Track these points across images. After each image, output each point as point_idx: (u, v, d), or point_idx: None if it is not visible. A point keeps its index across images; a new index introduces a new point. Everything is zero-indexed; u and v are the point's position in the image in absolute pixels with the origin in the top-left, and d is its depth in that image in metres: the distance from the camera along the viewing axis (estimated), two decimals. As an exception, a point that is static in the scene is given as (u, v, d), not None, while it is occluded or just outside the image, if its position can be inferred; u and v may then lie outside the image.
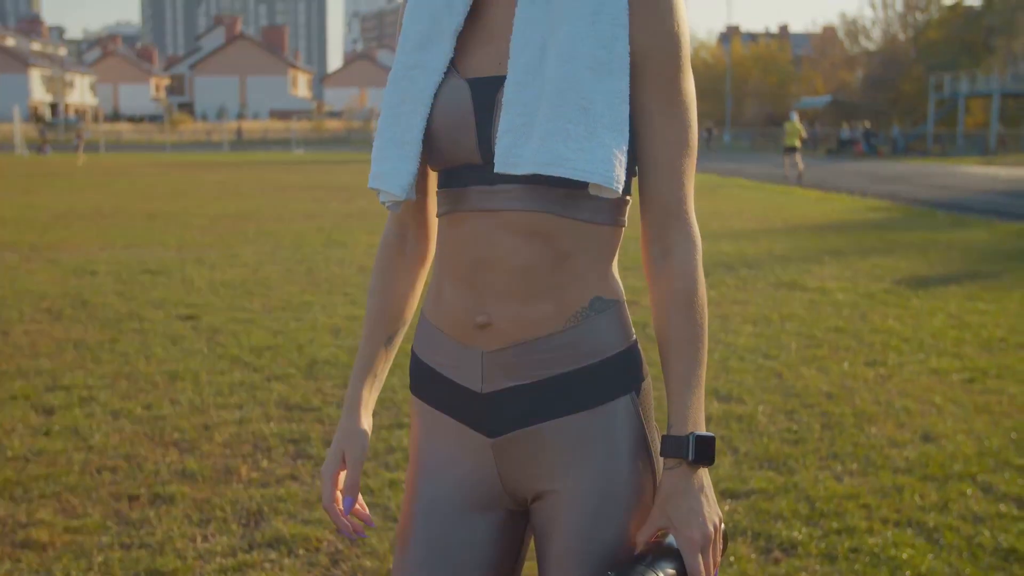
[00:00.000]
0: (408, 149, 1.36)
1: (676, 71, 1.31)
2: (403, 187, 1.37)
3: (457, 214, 1.36)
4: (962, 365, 5.77)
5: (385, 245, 1.57)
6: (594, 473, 1.34)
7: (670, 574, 1.25)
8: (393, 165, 1.37)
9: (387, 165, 1.38)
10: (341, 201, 17.90)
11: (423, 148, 1.37)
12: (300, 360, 5.85)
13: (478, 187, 1.33)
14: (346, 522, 1.47)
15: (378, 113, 67.08)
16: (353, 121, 79.99)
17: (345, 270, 9.44)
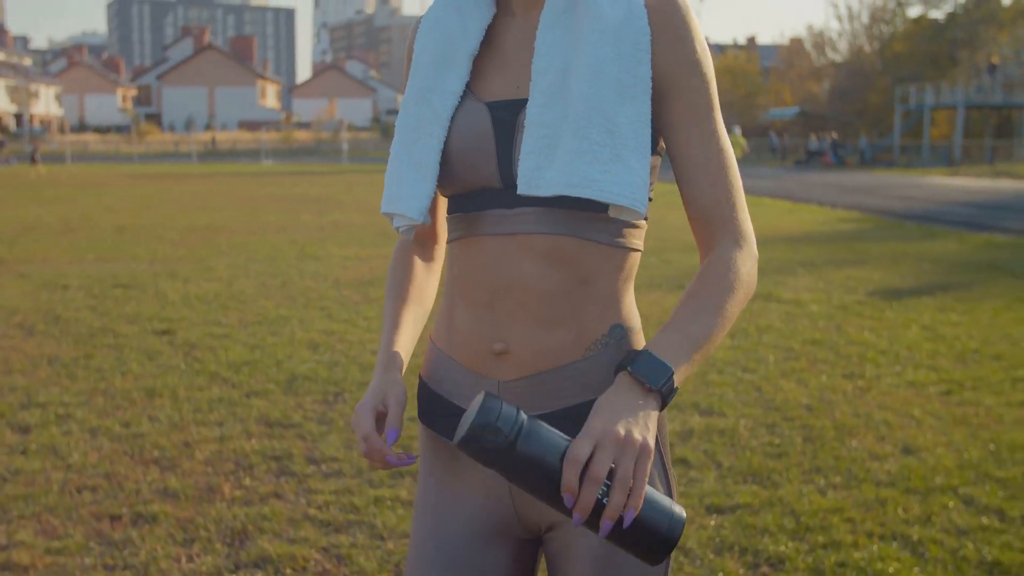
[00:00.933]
0: (425, 172, 1.35)
1: (703, 89, 1.32)
2: (420, 210, 1.36)
3: (473, 239, 1.35)
4: (938, 377, 5.82)
5: (401, 248, 1.56)
6: None
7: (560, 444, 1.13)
8: (409, 188, 1.36)
9: (403, 188, 1.37)
10: (313, 214, 17.83)
11: (439, 171, 1.37)
12: (279, 376, 5.81)
13: (496, 210, 1.32)
14: (390, 452, 1.32)
15: (347, 124, 66.78)
16: (322, 132, 79.79)
17: (320, 284, 9.40)
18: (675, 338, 1.24)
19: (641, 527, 1.11)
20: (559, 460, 1.11)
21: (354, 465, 4.28)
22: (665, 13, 1.30)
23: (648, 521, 1.11)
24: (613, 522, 1.09)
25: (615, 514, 1.09)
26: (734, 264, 1.30)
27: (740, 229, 1.34)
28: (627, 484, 1.09)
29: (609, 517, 1.09)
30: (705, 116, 1.32)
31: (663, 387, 1.19)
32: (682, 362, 1.22)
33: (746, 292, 1.31)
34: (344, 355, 6.33)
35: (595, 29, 1.29)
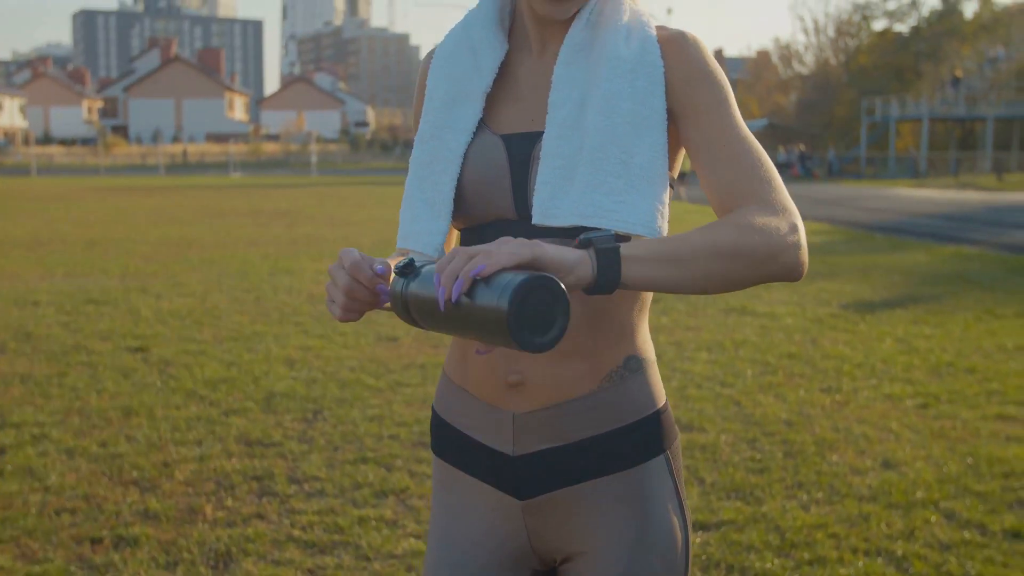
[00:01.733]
0: (439, 208, 1.35)
1: (719, 96, 1.32)
2: (435, 246, 1.36)
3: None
4: (914, 391, 5.87)
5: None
6: (628, 533, 1.33)
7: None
8: (424, 225, 1.37)
9: (418, 225, 1.37)
10: (284, 227, 17.75)
11: (453, 206, 1.37)
12: (257, 393, 5.77)
13: None
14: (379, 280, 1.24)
15: (316, 136, 66.51)
16: (291, 144, 79.52)
17: (294, 299, 9.35)
18: (642, 241, 1.20)
19: (477, 303, 1.08)
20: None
21: (337, 485, 4.25)
22: (676, 43, 1.33)
23: (481, 295, 1.08)
24: (451, 293, 1.08)
25: (447, 283, 1.08)
26: (741, 214, 1.23)
27: (769, 199, 1.26)
28: (466, 258, 1.09)
29: (443, 284, 1.08)
30: (724, 114, 1.31)
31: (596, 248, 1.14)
32: (637, 252, 1.17)
33: (759, 237, 1.21)
34: (321, 372, 6.30)
35: (610, 65, 1.30)
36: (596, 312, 1.32)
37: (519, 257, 1.09)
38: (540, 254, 1.10)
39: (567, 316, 1.08)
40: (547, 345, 1.07)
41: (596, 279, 1.14)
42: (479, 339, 1.11)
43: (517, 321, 1.05)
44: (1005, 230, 17.87)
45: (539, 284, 1.06)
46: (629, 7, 1.36)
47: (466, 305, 1.09)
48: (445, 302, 1.10)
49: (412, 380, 6.06)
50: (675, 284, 1.18)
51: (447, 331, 1.17)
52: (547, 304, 1.07)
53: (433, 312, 1.14)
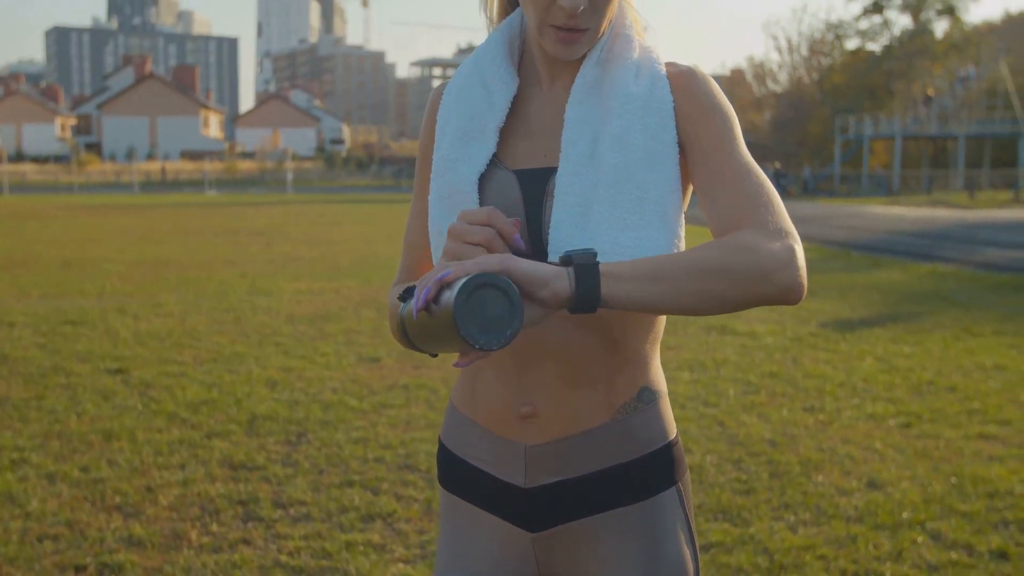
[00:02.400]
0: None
1: (725, 127, 1.32)
2: None
3: None
4: (896, 410, 5.90)
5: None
6: (639, 566, 1.33)
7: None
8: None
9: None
10: (261, 246, 17.67)
11: None
12: (239, 415, 5.72)
13: None
14: (517, 229, 1.24)
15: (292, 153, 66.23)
16: (266, 162, 79.27)
17: (274, 319, 9.30)
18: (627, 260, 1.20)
19: (440, 305, 1.11)
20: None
21: (323, 509, 4.22)
22: (685, 79, 1.34)
23: (443, 297, 1.11)
24: (420, 299, 1.12)
25: (419, 292, 1.13)
26: (734, 235, 1.21)
27: (765, 222, 1.24)
28: (440, 268, 1.13)
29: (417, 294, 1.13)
30: (730, 146, 1.31)
31: (576, 264, 1.14)
32: (619, 270, 1.16)
33: (749, 256, 1.18)
34: (304, 393, 6.26)
35: (622, 102, 1.31)
36: (610, 343, 1.32)
37: (484, 266, 1.10)
38: (510, 266, 1.11)
39: (520, 318, 1.09)
40: (494, 344, 1.09)
41: (575, 294, 1.13)
42: (449, 346, 1.14)
43: (463, 316, 1.07)
44: (978, 248, 18.04)
45: (487, 282, 1.08)
46: (638, 43, 1.37)
47: (434, 311, 1.13)
48: (418, 310, 1.14)
49: (396, 401, 6.03)
50: (660, 303, 1.16)
51: (430, 345, 1.20)
52: (499, 303, 1.09)
53: (415, 326, 1.18)
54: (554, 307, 1.14)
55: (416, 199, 1.52)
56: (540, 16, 1.29)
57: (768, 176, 6.93)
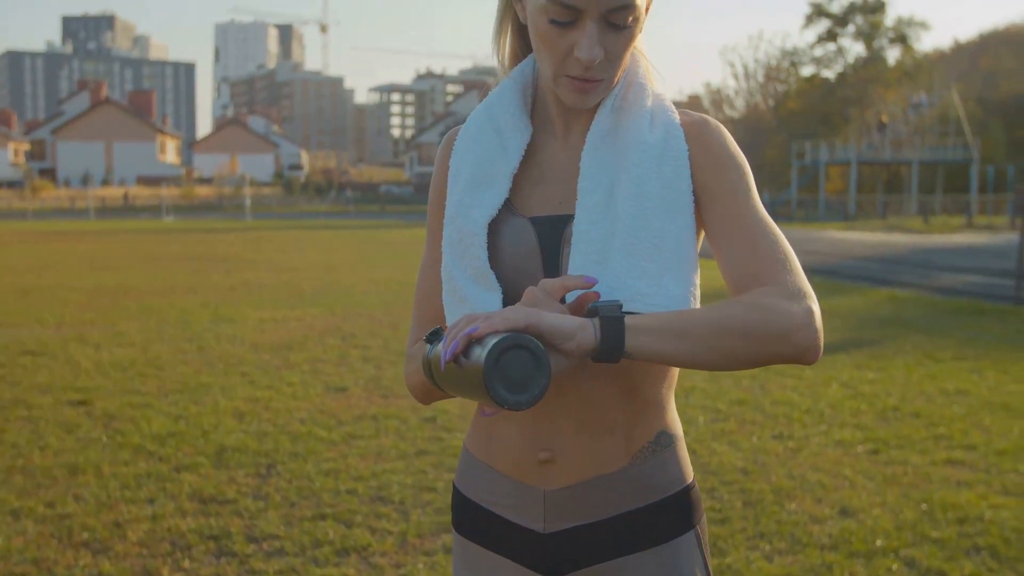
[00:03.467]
0: (485, 281, 1.35)
1: (739, 180, 1.34)
2: None
3: None
4: (864, 436, 5.95)
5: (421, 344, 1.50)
6: None
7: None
8: (478, 301, 1.35)
9: (471, 303, 1.36)
10: (222, 273, 17.53)
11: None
12: (207, 448, 5.65)
13: None
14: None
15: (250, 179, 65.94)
16: (224, 187, 78.77)
17: (238, 348, 9.22)
18: (650, 313, 1.22)
19: (470, 361, 1.14)
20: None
21: (296, 543, 4.17)
22: (699, 129, 1.36)
23: (472, 352, 1.14)
24: (447, 351, 1.14)
25: (448, 344, 1.14)
26: (754, 294, 1.24)
27: (784, 281, 1.25)
28: (469, 321, 1.14)
29: (446, 345, 1.15)
30: (743, 198, 1.33)
31: (601, 316, 1.16)
32: (643, 322, 1.18)
33: (771, 317, 1.20)
34: (272, 424, 6.20)
35: (637, 151, 1.33)
36: (628, 388, 1.33)
37: (512, 322, 1.13)
38: (536, 320, 1.13)
39: (547, 377, 1.11)
40: (523, 404, 1.11)
41: (599, 347, 1.16)
42: (476, 398, 1.16)
43: (492, 377, 1.10)
44: (934, 272, 18.31)
45: (516, 343, 1.10)
46: (651, 92, 1.38)
47: (463, 364, 1.15)
48: (446, 362, 1.16)
49: (365, 432, 5.99)
50: (681, 358, 1.19)
51: (457, 392, 1.23)
52: (527, 364, 1.11)
53: (441, 373, 1.21)
54: (579, 358, 1.15)
55: (429, 247, 1.51)
56: (556, 66, 1.30)
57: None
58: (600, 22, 1.26)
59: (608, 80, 1.32)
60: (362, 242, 28.36)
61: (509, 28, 1.44)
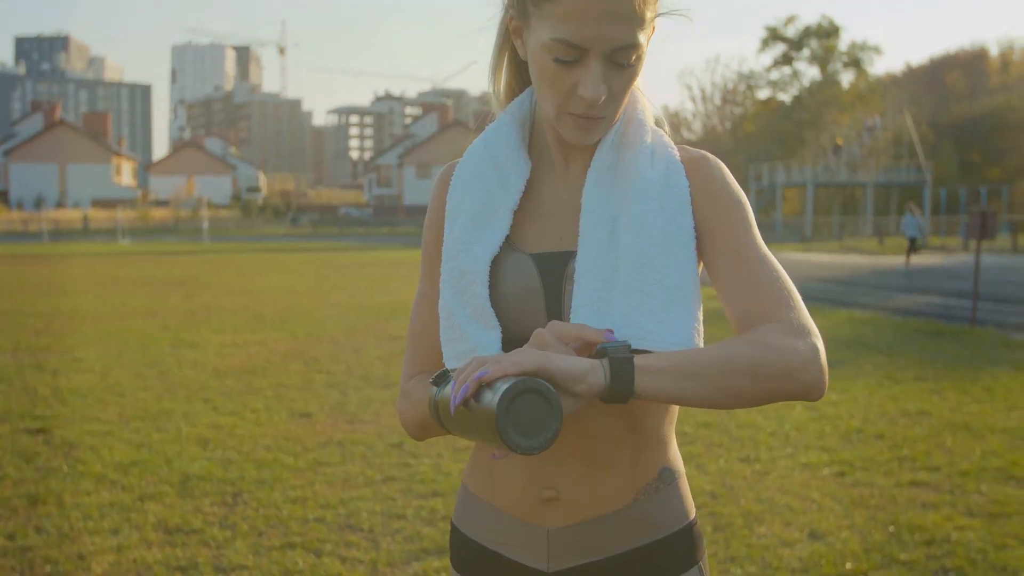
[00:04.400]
0: (485, 319, 1.34)
1: (740, 217, 1.35)
2: None
3: None
4: (830, 458, 5.99)
5: (417, 379, 1.48)
6: None
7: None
8: (476, 340, 1.34)
9: (470, 341, 1.35)
10: (181, 297, 17.36)
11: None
12: (171, 476, 5.58)
13: None
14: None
15: (207, 202, 65.53)
16: (181, 210, 78.17)
17: (200, 373, 9.12)
18: (658, 353, 1.22)
19: (480, 405, 1.14)
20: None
21: (265, 573, 4.12)
22: (699, 165, 1.38)
23: (483, 397, 1.13)
24: (457, 395, 1.14)
25: (457, 388, 1.14)
26: (760, 332, 1.24)
27: (788, 319, 1.26)
28: (478, 364, 1.14)
29: (456, 389, 1.15)
30: (744, 234, 1.34)
31: (610, 358, 1.16)
32: (652, 363, 1.18)
33: (776, 356, 1.20)
34: (237, 451, 6.13)
35: (639, 187, 1.33)
36: (632, 425, 1.33)
37: (523, 365, 1.12)
38: (546, 364, 1.13)
39: (559, 420, 1.11)
40: (535, 449, 1.11)
41: (609, 388, 1.16)
42: (487, 442, 1.16)
43: (504, 422, 1.09)
44: (892, 293, 18.54)
45: (528, 387, 1.10)
46: (651, 129, 1.39)
47: (473, 408, 1.14)
48: (456, 406, 1.16)
49: (332, 459, 5.94)
50: (689, 397, 1.20)
51: (466, 435, 1.22)
52: (539, 408, 1.10)
53: (450, 417, 1.21)
54: (588, 399, 1.15)
55: (424, 282, 1.50)
56: (559, 104, 1.30)
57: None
58: (604, 60, 1.27)
59: (610, 117, 1.32)
60: (322, 265, 28.22)
61: (505, 63, 1.44)
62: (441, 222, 1.45)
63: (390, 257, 33.45)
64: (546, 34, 1.27)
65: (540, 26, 1.28)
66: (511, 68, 1.45)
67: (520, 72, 1.45)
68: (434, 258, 1.47)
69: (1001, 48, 70.36)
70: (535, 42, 1.29)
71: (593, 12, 1.23)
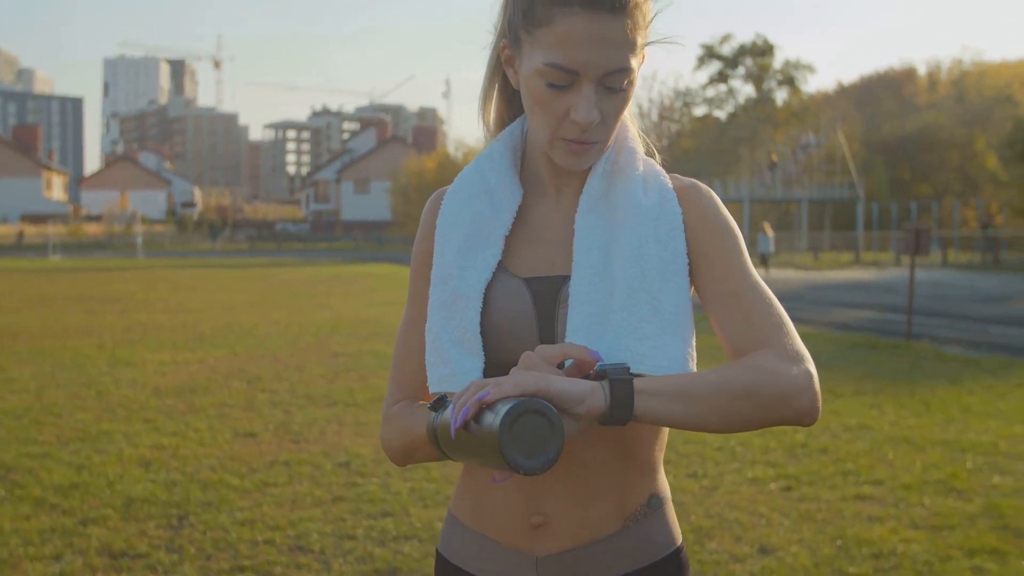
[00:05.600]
0: (470, 346, 1.34)
1: (732, 245, 1.37)
2: None
3: None
4: (776, 473, 6.05)
5: (402, 405, 1.46)
6: None
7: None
8: (458, 365, 1.34)
9: (452, 367, 1.34)
10: (116, 314, 17.06)
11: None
12: (114, 499, 5.46)
13: None
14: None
15: (141, 216, 64.62)
16: (114, 225, 76.94)
17: (139, 393, 8.95)
18: (656, 376, 1.24)
19: (481, 426, 1.14)
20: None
21: (215, 598, 4.05)
22: (691, 193, 1.40)
23: (484, 418, 1.14)
24: (458, 418, 1.14)
25: (458, 411, 1.14)
26: (756, 357, 1.26)
27: (782, 345, 1.28)
28: (478, 388, 1.15)
29: (455, 412, 1.15)
30: (737, 261, 1.36)
31: (610, 380, 1.17)
32: (651, 386, 1.19)
33: (773, 382, 1.22)
34: (181, 473, 6.02)
35: (633, 213, 1.34)
36: (622, 452, 1.33)
37: (523, 387, 1.13)
38: (545, 385, 1.14)
39: (561, 439, 1.12)
40: (538, 469, 1.11)
41: (609, 410, 1.17)
42: (489, 464, 1.16)
43: (507, 443, 1.09)
44: (828, 308, 18.84)
45: (529, 408, 1.10)
46: (641, 157, 1.40)
47: (473, 430, 1.14)
48: (457, 429, 1.16)
49: (279, 479, 5.87)
50: (686, 420, 1.21)
51: (467, 459, 1.22)
52: (540, 428, 1.11)
53: (450, 441, 1.20)
54: (588, 421, 1.15)
55: (412, 308, 1.48)
56: (553, 129, 1.31)
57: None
58: (596, 85, 1.28)
59: (602, 142, 1.33)
60: (260, 281, 27.94)
61: (496, 93, 1.44)
62: (430, 248, 1.45)
63: (329, 273, 33.23)
64: (539, 59, 1.28)
65: (533, 52, 1.29)
66: (501, 98, 1.46)
67: (510, 102, 1.46)
68: (423, 283, 1.46)
69: (929, 68, 72.20)
70: (528, 68, 1.30)
71: (586, 37, 1.24)
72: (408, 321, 1.48)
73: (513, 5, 1.32)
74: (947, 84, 69.32)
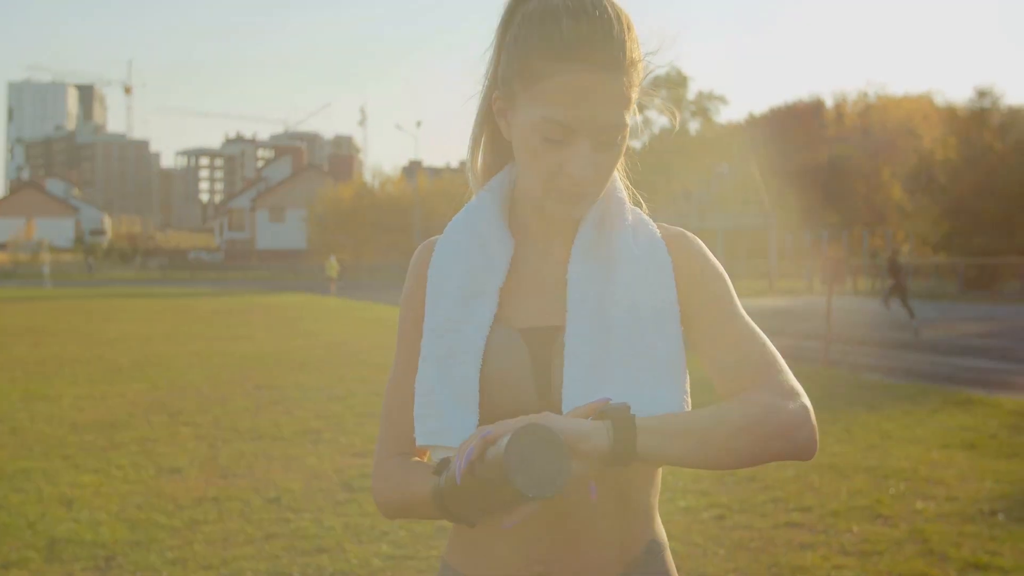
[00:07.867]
0: (467, 402, 1.33)
1: (722, 290, 1.39)
2: None
3: None
4: (708, 502, 6.12)
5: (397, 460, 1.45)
6: None
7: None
8: (452, 419, 1.34)
9: (444, 421, 1.34)
10: (28, 346, 16.58)
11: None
12: (36, 540, 5.29)
13: None
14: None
15: (48, 245, 63.02)
16: (19, 253, 74.93)
17: (57, 428, 8.70)
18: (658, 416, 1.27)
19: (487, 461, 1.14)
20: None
21: (150, 642, 3.94)
22: (679, 242, 1.42)
23: (489, 454, 1.14)
24: (463, 459, 1.16)
25: (462, 455, 1.16)
26: (753, 394, 1.29)
27: (777, 382, 1.31)
28: (480, 433, 1.17)
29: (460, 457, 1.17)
30: (727, 305, 1.38)
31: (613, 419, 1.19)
32: (653, 424, 1.22)
33: (772, 417, 1.25)
34: (105, 512, 5.86)
35: (625, 262, 1.37)
36: (621, 499, 1.33)
37: (525, 423, 1.16)
38: (550, 424, 1.17)
39: (568, 462, 1.12)
40: (548, 492, 1.11)
41: (612, 449, 1.18)
42: (498, 504, 1.15)
43: (514, 467, 1.09)
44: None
45: (532, 432, 1.11)
46: (630, 207, 1.42)
47: (479, 472, 1.14)
48: (462, 472, 1.15)
49: (208, 516, 5.74)
50: (688, 458, 1.24)
51: (476, 508, 1.20)
52: (546, 453, 1.11)
53: (459, 493, 1.19)
54: (592, 461, 1.18)
55: (402, 358, 1.46)
56: (546, 182, 1.32)
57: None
58: (592, 140, 1.30)
59: (595, 194, 1.35)
60: (176, 311, 27.42)
61: (484, 142, 1.45)
62: (420, 299, 1.44)
63: (246, 302, 32.76)
64: (536, 113, 1.29)
65: (529, 105, 1.30)
66: (489, 146, 1.46)
67: (498, 150, 1.47)
68: (414, 334, 1.44)
69: (836, 100, 74.14)
70: (523, 121, 1.31)
71: (584, 93, 1.27)
72: (401, 374, 1.45)
73: (508, 57, 1.33)
74: (853, 116, 71.28)
